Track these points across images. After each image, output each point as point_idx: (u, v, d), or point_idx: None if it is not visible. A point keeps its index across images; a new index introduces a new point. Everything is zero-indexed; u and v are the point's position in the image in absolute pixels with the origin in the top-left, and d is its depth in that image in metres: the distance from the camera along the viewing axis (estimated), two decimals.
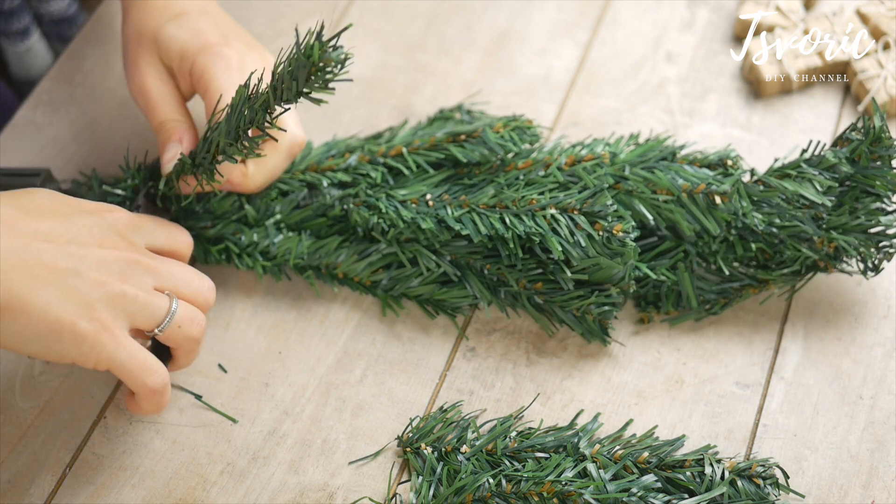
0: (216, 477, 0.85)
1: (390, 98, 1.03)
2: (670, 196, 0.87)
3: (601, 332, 0.88)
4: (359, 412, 0.87)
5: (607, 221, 0.84)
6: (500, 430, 0.84)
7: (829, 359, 0.89)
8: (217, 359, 0.90)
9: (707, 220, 0.87)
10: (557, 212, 0.85)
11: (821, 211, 0.86)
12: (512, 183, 0.89)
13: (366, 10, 1.09)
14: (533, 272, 0.88)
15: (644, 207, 0.87)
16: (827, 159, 0.86)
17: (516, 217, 0.86)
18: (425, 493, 0.82)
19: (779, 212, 0.86)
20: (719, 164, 0.89)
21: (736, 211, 0.86)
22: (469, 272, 0.90)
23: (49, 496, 0.84)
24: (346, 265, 0.91)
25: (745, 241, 0.88)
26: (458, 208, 0.88)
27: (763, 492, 0.80)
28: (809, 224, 0.86)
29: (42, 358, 0.76)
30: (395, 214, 0.88)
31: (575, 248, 0.84)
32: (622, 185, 0.88)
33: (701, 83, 1.04)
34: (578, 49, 1.06)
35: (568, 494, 0.79)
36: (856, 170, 0.86)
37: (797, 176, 0.86)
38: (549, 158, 0.90)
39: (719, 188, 0.86)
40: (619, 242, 0.84)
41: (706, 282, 0.90)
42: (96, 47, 1.06)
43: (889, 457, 0.85)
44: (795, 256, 0.88)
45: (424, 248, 0.89)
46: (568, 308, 0.88)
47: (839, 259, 0.88)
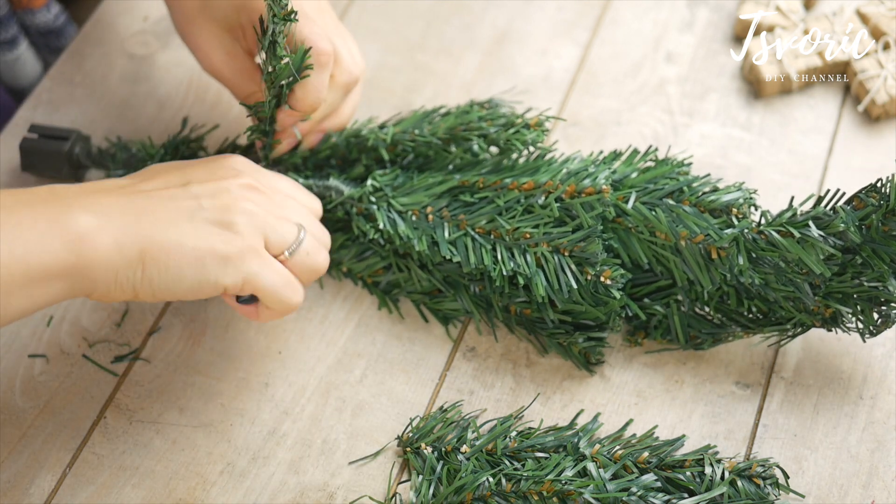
0: (216, 477, 0.85)
1: (390, 98, 1.03)
2: (668, 241, 0.85)
3: (586, 363, 0.88)
4: (359, 412, 0.87)
5: (595, 268, 0.83)
6: (500, 430, 0.84)
7: (829, 359, 0.89)
8: (217, 358, 0.90)
9: (701, 273, 0.84)
10: (548, 250, 0.85)
11: (819, 279, 0.82)
12: (511, 206, 0.87)
13: (365, 10, 1.09)
14: (520, 300, 0.88)
15: (640, 249, 0.86)
16: (836, 224, 0.81)
17: (508, 250, 0.85)
18: (425, 493, 0.82)
19: (776, 273, 0.83)
20: (725, 212, 0.86)
21: (731, 268, 0.83)
22: (461, 290, 0.90)
23: (49, 496, 0.84)
24: (348, 263, 0.91)
25: (739, 295, 0.86)
26: (455, 228, 0.87)
27: (763, 492, 0.80)
28: (806, 293, 0.83)
29: (196, 296, 0.78)
30: (392, 229, 0.88)
31: (559, 293, 0.84)
32: (623, 221, 0.86)
33: (701, 83, 1.04)
34: (578, 49, 1.06)
35: (568, 494, 0.79)
36: (864, 240, 0.82)
37: (801, 238, 0.81)
38: (550, 184, 0.87)
39: (718, 242, 0.83)
40: (606, 290, 0.83)
41: (697, 321, 0.88)
42: (96, 47, 1.06)
43: (889, 457, 0.85)
44: (790, 316, 0.86)
45: (418, 266, 0.90)
46: (555, 338, 0.88)
47: (836, 323, 0.85)
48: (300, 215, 0.83)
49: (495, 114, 0.91)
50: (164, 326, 0.91)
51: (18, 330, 0.91)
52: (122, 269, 0.75)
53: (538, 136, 0.90)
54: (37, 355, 0.90)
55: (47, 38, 1.07)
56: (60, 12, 1.07)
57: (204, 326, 0.91)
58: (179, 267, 0.76)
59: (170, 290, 0.77)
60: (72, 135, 0.96)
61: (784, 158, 0.99)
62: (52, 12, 1.06)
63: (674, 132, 1.00)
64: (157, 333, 0.91)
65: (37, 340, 0.90)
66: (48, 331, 0.91)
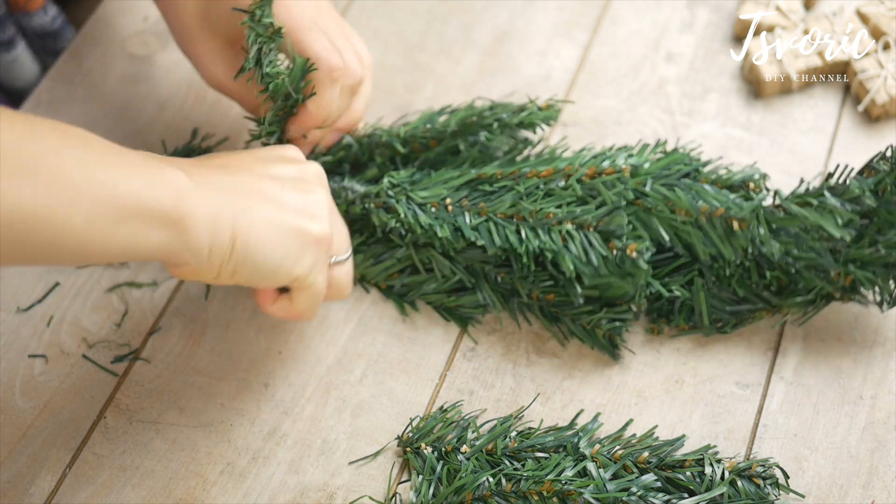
0: (216, 477, 0.85)
1: (390, 98, 1.03)
2: (689, 217, 0.86)
3: (611, 346, 0.88)
4: (359, 412, 0.87)
5: (621, 241, 0.84)
6: (500, 430, 0.84)
7: (829, 359, 0.89)
8: (217, 358, 0.90)
9: (723, 245, 0.85)
10: (573, 227, 0.85)
11: (839, 245, 0.84)
12: (531, 192, 0.88)
13: (365, 9, 1.09)
14: (545, 283, 0.88)
15: (662, 227, 0.86)
16: (851, 190, 0.83)
17: (532, 230, 0.86)
18: (425, 493, 0.82)
19: (797, 242, 0.85)
20: (742, 187, 0.88)
21: (753, 238, 0.85)
22: (482, 279, 0.90)
23: (49, 496, 0.84)
24: (362, 267, 0.91)
25: (760, 268, 0.87)
26: (476, 216, 0.87)
27: (763, 492, 0.80)
28: (826, 257, 0.84)
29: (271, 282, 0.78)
30: (413, 219, 0.88)
31: (587, 266, 0.84)
32: (642, 202, 0.87)
33: (701, 83, 1.04)
34: (578, 49, 1.06)
35: (568, 493, 0.79)
36: (879, 203, 0.84)
37: (818, 206, 0.84)
38: (569, 168, 0.88)
39: (738, 213, 0.84)
40: (632, 263, 0.83)
41: (719, 300, 0.89)
42: (96, 47, 1.06)
43: (889, 457, 0.85)
44: (811, 286, 0.87)
45: (440, 254, 0.90)
46: (578, 321, 0.88)
47: (855, 291, 0.86)
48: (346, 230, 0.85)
49: (505, 104, 0.93)
50: (164, 326, 0.91)
51: (18, 330, 0.91)
52: (216, 247, 0.75)
53: (551, 114, 0.92)
54: (37, 355, 0.90)
55: (44, 41, 1.07)
56: (58, 14, 1.07)
57: (204, 326, 0.91)
58: (266, 247, 0.76)
59: (251, 272, 0.77)
60: None
61: (784, 158, 0.99)
62: (49, 15, 1.06)
63: (674, 132, 1.00)
64: (157, 333, 0.91)
65: (37, 340, 0.90)
66: (48, 331, 0.91)
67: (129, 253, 0.72)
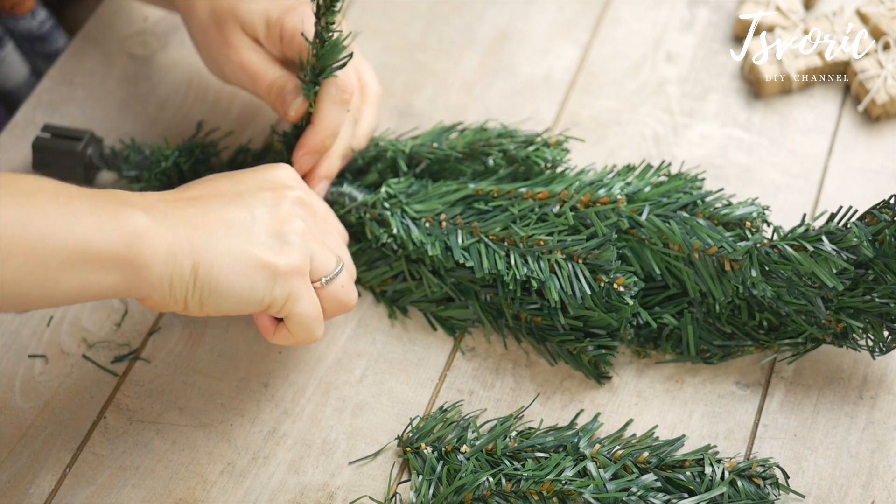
0: (216, 477, 0.85)
1: (390, 98, 1.03)
2: (681, 253, 0.85)
3: (596, 373, 0.88)
4: (359, 412, 0.87)
5: (608, 276, 0.83)
6: (500, 430, 0.84)
7: (829, 359, 0.89)
8: (217, 358, 0.90)
9: (714, 284, 0.84)
10: (562, 257, 0.84)
11: (832, 293, 0.83)
12: (525, 215, 0.87)
13: (366, 10, 1.09)
14: (531, 307, 0.88)
15: (654, 260, 0.86)
16: (849, 238, 0.81)
17: (521, 257, 0.85)
18: (425, 492, 0.82)
19: (788, 287, 0.83)
20: (739, 225, 0.86)
21: (744, 280, 0.84)
22: (472, 297, 0.90)
23: (49, 496, 0.84)
24: (357, 272, 0.91)
25: (751, 308, 0.87)
26: (468, 235, 0.87)
27: (763, 492, 0.80)
28: (818, 306, 0.83)
29: (241, 311, 0.78)
30: (405, 235, 0.88)
31: (572, 298, 0.84)
32: (636, 232, 0.86)
33: (701, 83, 1.04)
34: (578, 49, 1.06)
35: (568, 493, 0.79)
36: (877, 255, 0.82)
37: (814, 252, 0.82)
38: (565, 194, 0.87)
39: (731, 254, 0.83)
40: (619, 296, 0.83)
41: (708, 332, 0.88)
42: (96, 47, 1.06)
43: (889, 457, 0.85)
44: (801, 330, 0.86)
45: (430, 272, 0.90)
46: (564, 346, 0.88)
47: (846, 338, 0.85)
48: (339, 245, 0.84)
49: (515, 132, 0.93)
50: (164, 326, 0.91)
51: (18, 330, 0.91)
52: (175, 280, 0.75)
53: (559, 154, 0.91)
54: (37, 355, 0.90)
55: (33, 44, 1.07)
56: (47, 18, 1.07)
57: (204, 326, 0.91)
58: (230, 280, 0.76)
59: (217, 304, 0.77)
60: (85, 135, 0.96)
61: (784, 158, 0.99)
62: (38, 19, 1.06)
63: (674, 132, 1.00)
64: (157, 333, 0.91)
65: (37, 340, 0.90)
66: (48, 331, 0.91)
67: (81, 295, 0.73)
